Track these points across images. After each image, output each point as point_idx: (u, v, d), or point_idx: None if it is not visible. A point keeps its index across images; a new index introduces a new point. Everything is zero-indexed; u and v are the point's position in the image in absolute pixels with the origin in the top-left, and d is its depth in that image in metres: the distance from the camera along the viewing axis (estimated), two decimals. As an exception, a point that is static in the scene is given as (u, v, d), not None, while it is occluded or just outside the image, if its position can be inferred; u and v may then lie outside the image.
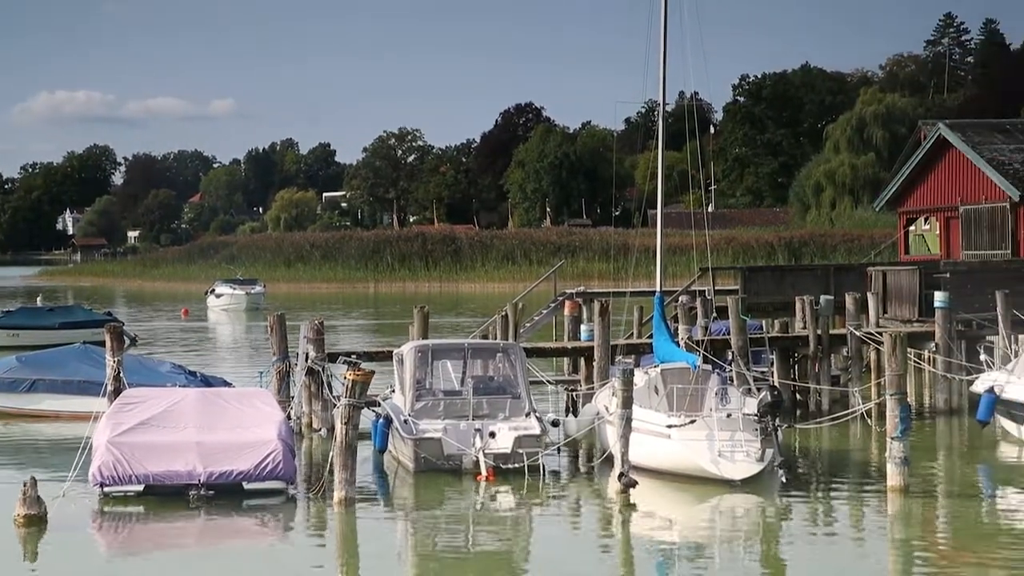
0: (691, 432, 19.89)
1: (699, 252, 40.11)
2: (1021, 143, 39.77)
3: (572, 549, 16.82)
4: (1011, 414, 23.52)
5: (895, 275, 32.16)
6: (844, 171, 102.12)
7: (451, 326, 53.05)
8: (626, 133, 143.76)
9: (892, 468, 18.79)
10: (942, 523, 17.90)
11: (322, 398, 24.77)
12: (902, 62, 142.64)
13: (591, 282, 69.78)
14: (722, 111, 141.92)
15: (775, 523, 18.00)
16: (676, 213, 74.46)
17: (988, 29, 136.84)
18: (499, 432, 20.75)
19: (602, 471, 20.89)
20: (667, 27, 24.62)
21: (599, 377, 25.12)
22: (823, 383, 27.21)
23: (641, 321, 33.39)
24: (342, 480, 18.29)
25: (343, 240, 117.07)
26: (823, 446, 23.92)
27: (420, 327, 27.68)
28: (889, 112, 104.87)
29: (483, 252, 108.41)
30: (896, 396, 18.73)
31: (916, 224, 44.49)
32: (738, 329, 25.93)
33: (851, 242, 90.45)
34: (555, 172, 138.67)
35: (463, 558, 16.29)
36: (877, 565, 15.82)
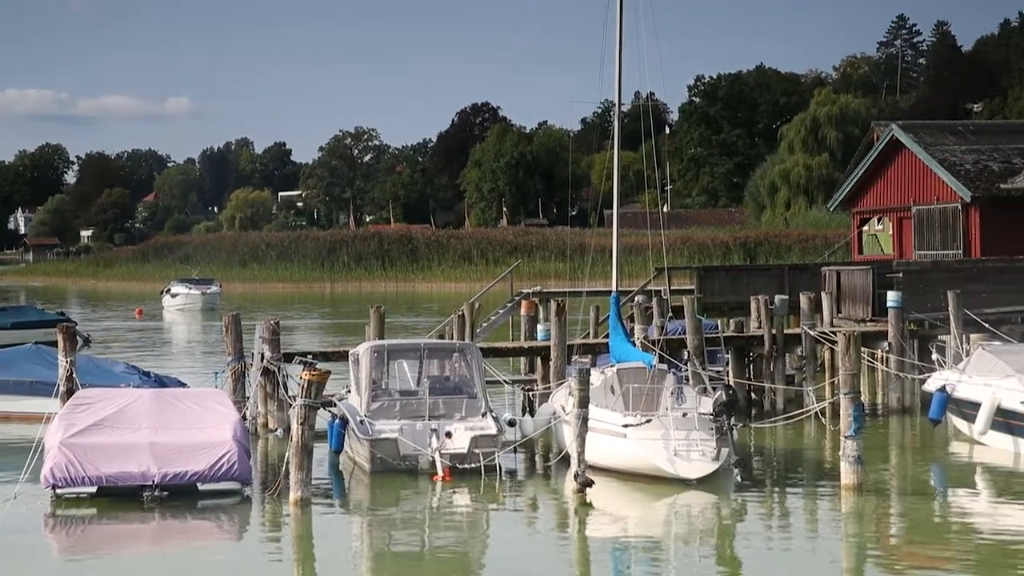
0: (647, 431, 19.95)
1: (655, 252, 40.23)
2: (972, 144, 40.18)
3: (528, 548, 16.84)
4: (962, 413, 23.76)
5: (849, 275, 32.40)
6: (799, 171, 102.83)
7: (407, 326, 52.94)
8: (582, 133, 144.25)
9: (846, 466, 18.93)
10: (895, 521, 18.06)
11: (278, 398, 24.65)
12: (855, 63, 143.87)
13: (547, 282, 69.86)
14: (677, 111, 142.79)
15: (730, 522, 18.09)
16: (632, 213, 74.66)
17: (940, 31, 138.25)
18: (455, 432, 20.74)
19: (558, 470, 20.92)
20: (623, 27, 24.71)
21: (555, 377, 25.16)
22: (778, 382, 27.38)
23: (597, 321, 33.46)
24: (298, 481, 18.21)
25: (299, 240, 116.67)
26: (778, 445, 24.07)
27: (376, 327, 27.61)
28: (843, 113, 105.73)
29: (439, 252, 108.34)
30: (850, 395, 18.88)
31: (869, 224, 44.85)
32: (694, 329, 26.05)
33: (805, 242, 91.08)
34: (511, 172, 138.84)
35: (419, 558, 16.27)
36: (831, 562, 15.93)
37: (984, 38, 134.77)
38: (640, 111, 29.42)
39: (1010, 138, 41.07)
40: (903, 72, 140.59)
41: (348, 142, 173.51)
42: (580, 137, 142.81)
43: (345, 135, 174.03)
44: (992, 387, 22.71)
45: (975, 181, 38.19)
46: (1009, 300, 29.98)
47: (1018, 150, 39.69)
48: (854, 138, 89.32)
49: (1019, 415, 21.86)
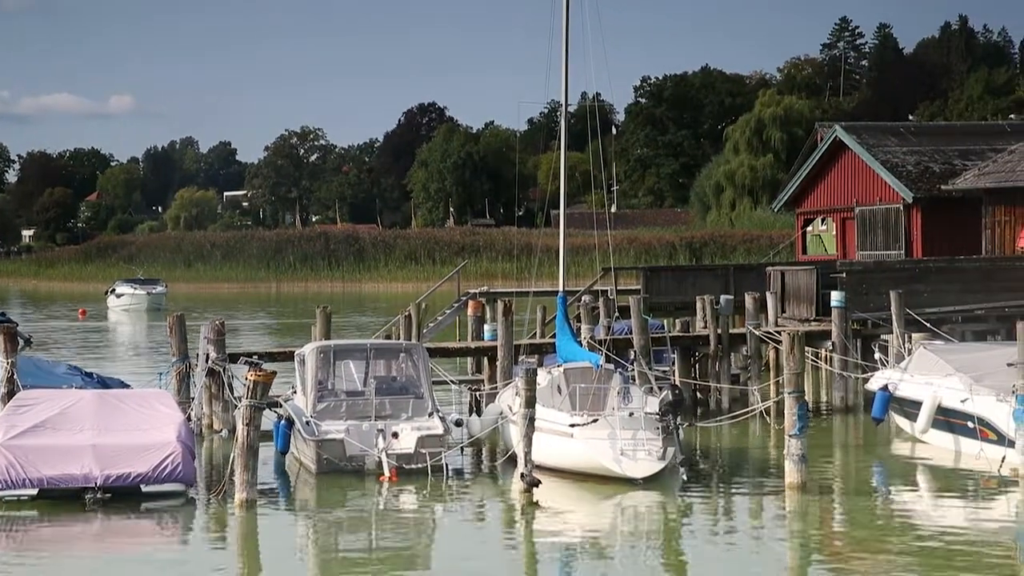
0: (593, 431, 20.00)
1: (601, 252, 40.37)
2: (914, 145, 40.66)
3: (475, 548, 16.83)
4: (904, 411, 24.01)
5: (793, 275, 32.67)
6: (743, 172, 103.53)
7: (354, 326, 52.77)
8: (529, 133, 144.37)
9: (790, 465, 19.08)
10: (838, 518, 18.22)
11: (223, 399, 24.50)
12: (799, 65, 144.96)
13: (494, 282, 69.90)
14: (624, 112, 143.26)
15: (676, 520, 18.18)
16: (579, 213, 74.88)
17: (882, 33, 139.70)
18: (402, 432, 20.69)
19: (505, 470, 20.93)
20: (569, 28, 24.76)
21: (502, 377, 25.18)
22: (723, 382, 27.55)
23: (544, 321, 33.52)
24: (243, 482, 18.09)
25: (244, 240, 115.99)
26: (723, 444, 24.22)
27: (322, 327, 27.50)
28: (787, 114, 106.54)
29: (386, 252, 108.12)
30: (794, 394, 19.02)
31: (813, 225, 45.25)
32: (640, 329, 26.16)
33: (750, 242, 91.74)
34: (458, 172, 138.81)
35: (366, 558, 16.21)
36: (776, 560, 16.05)
37: (925, 41, 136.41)
38: (587, 112, 29.47)
39: (951, 140, 41.64)
40: (846, 74, 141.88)
41: (294, 142, 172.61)
42: (527, 137, 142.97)
43: (291, 135, 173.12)
44: (933, 386, 22.97)
45: (917, 182, 38.65)
46: (950, 300, 30.38)
47: (959, 152, 40.23)
48: (798, 139, 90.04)
49: (960, 413, 22.13)
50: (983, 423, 21.39)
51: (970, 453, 21.69)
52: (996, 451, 20.81)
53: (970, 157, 39.41)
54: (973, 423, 21.64)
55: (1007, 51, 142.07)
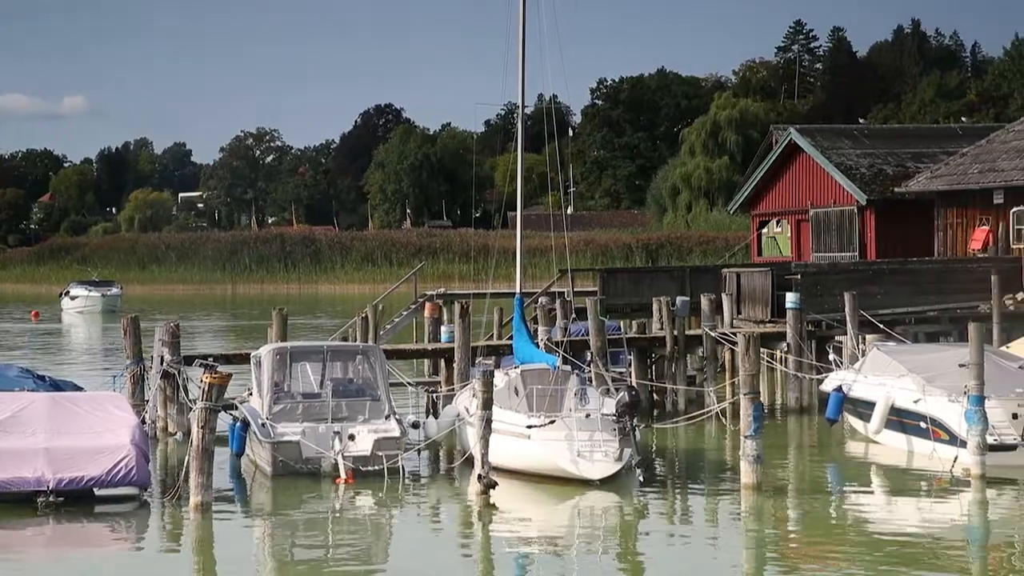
0: (550, 432, 20.03)
1: (558, 254, 40.44)
2: (868, 148, 41.01)
3: (432, 551, 16.81)
4: (858, 412, 24.20)
5: (748, 277, 32.87)
6: (699, 174, 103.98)
7: (310, 328, 52.57)
8: (486, 135, 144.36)
9: (745, 466, 19.18)
10: (793, 518, 18.34)
11: (178, 402, 24.37)
12: (754, 68, 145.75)
13: (451, 284, 69.91)
14: (580, 114, 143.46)
15: (633, 521, 18.24)
16: (536, 215, 74.94)
17: (836, 37, 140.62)
18: (358, 435, 20.63)
19: (462, 472, 20.92)
20: (526, 30, 24.79)
21: (459, 379, 25.16)
22: (679, 383, 27.65)
23: (501, 322, 33.55)
24: (198, 485, 17.97)
25: (200, 241, 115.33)
26: (679, 445, 24.32)
27: (278, 329, 27.38)
28: (742, 116, 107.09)
29: (343, 253, 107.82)
30: (749, 395, 19.12)
31: (768, 226, 45.55)
32: (597, 330, 26.22)
33: (706, 244, 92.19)
34: (415, 173, 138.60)
35: (322, 562, 16.15)
36: (731, 560, 16.13)
37: (878, 44, 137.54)
38: (543, 113, 29.52)
39: (904, 142, 42.05)
40: (801, 77, 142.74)
41: (250, 143, 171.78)
42: (484, 139, 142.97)
43: (247, 136, 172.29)
44: (886, 387, 23.16)
45: (870, 184, 38.99)
46: (903, 301, 30.68)
47: (911, 154, 40.63)
48: (754, 141, 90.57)
49: (912, 414, 22.32)
50: (935, 423, 21.59)
51: (923, 453, 21.88)
52: (948, 451, 21.00)
53: (922, 160, 39.81)
54: (926, 423, 21.84)
55: (959, 55, 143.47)
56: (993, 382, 20.65)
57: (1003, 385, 21.27)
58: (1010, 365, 22.49)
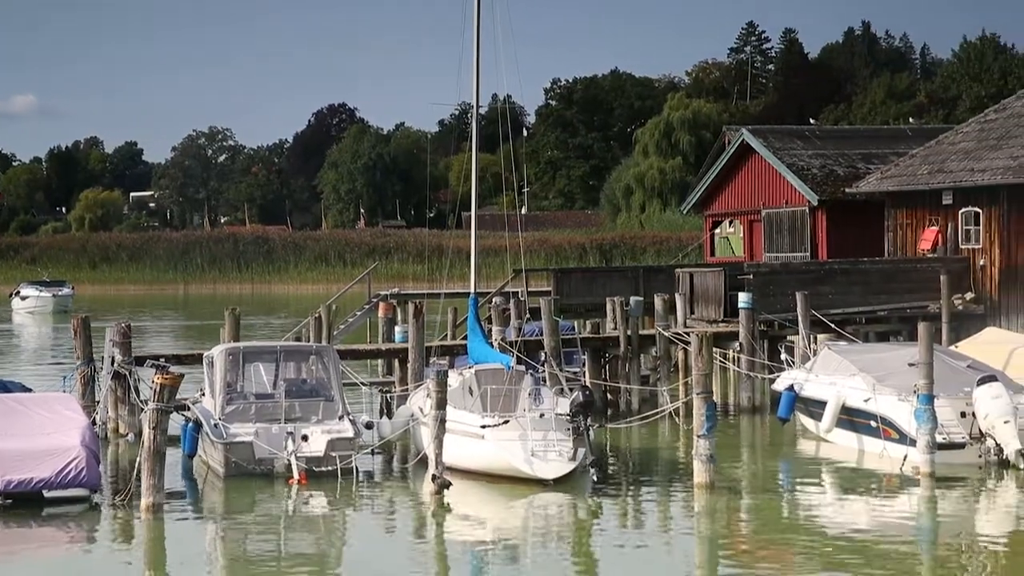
0: (504, 432, 20.06)
1: (512, 254, 40.49)
2: (819, 149, 41.30)
3: (386, 551, 16.79)
4: (809, 411, 24.38)
5: (701, 276, 33.02)
6: (653, 174, 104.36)
7: (264, 328, 52.32)
8: (440, 135, 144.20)
9: (698, 465, 19.28)
10: (746, 517, 18.46)
11: (129, 402, 24.19)
12: (707, 69, 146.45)
13: (405, 284, 69.76)
14: (534, 114, 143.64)
15: (587, 521, 18.29)
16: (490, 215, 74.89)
17: (788, 38, 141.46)
18: (312, 435, 20.56)
19: (416, 473, 20.90)
20: (480, 30, 24.81)
21: (413, 379, 25.13)
22: (633, 383, 27.75)
23: (455, 322, 33.53)
24: (149, 486, 17.85)
25: (151, 241, 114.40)
26: (633, 445, 24.41)
27: (231, 329, 27.22)
28: (695, 117, 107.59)
29: (296, 253, 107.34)
30: (702, 395, 19.22)
31: (721, 227, 45.78)
32: (551, 330, 26.27)
33: (660, 244, 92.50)
34: (369, 173, 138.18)
35: (275, 563, 16.08)
36: (684, 559, 16.22)
37: (829, 46, 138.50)
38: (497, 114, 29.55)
39: (854, 143, 42.38)
40: (753, 78, 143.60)
41: (202, 142, 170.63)
42: (438, 139, 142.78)
43: (199, 135, 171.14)
44: (837, 386, 23.35)
45: (822, 185, 39.26)
46: (853, 301, 30.94)
47: (862, 155, 40.95)
48: (706, 142, 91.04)
49: (863, 413, 22.53)
50: (886, 422, 21.80)
51: (873, 452, 22.09)
52: (898, 450, 21.21)
53: (873, 160, 40.13)
54: (876, 422, 22.05)
55: (909, 57, 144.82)
56: (942, 381, 20.87)
57: (952, 384, 21.51)
58: (959, 364, 22.73)
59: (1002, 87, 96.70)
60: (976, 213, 32.61)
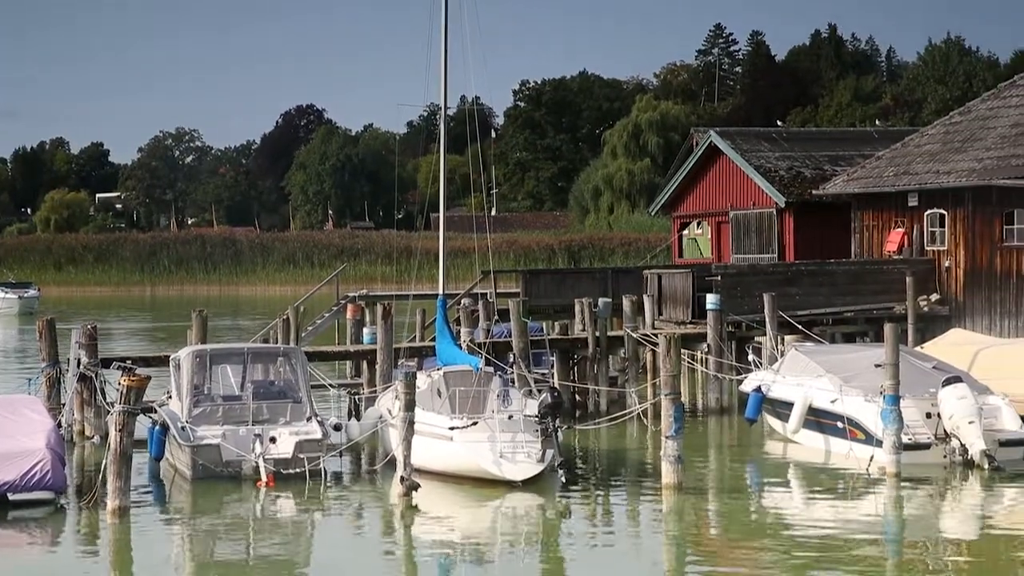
0: (473, 434, 20.06)
1: (481, 255, 40.48)
2: (786, 151, 41.49)
3: (354, 553, 16.76)
4: (777, 412, 24.48)
5: (669, 278, 33.12)
6: (621, 176, 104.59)
7: (231, 330, 52.10)
8: (408, 136, 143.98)
9: (667, 466, 19.33)
10: (713, 518, 18.53)
11: (95, 405, 24.04)
12: (675, 71, 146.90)
13: (374, 285, 69.66)
14: (503, 116, 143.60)
15: (555, 522, 18.30)
16: (458, 216, 74.92)
17: (755, 41, 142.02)
18: (279, 437, 20.50)
19: (385, 474, 20.87)
20: (448, 31, 24.80)
21: (382, 380, 25.09)
22: (601, 384, 27.79)
23: (424, 324, 33.50)
24: (116, 489, 17.73)
25: (118, 242, 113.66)
26: (601, 446, 24.45)
27: (198, 331, 27.09)
28: (663, 119, 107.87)
29: (264, 255, 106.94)
30: (670, 396, 19.27)
31: (689, 228, 45.92)
32: (519, 331, 26.29)
33: (628, 245, 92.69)
34: (337, 174, 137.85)
35: (243, 566, 16.03)
36: (652, 560, 16.27)
37: (796, 48, 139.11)
38: (466, 115, 29.54)
39: (821, 145, 42.60)
40: (720, 80, 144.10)
41: (169, 143, 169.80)
42: (406, 140, 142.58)
43: (166, 136, 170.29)
44: (804, 387, 23.46)
45: (788, 187, 39.45)
46: (820, 302, 31.12)
47: (828, 157, 41.17)
48: (674, 144, 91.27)
49: (830, 414, 22.64)
50: (852, 423, 21.92)
51: (840, 452, 22.21)
52: (865, 450, 21.33)
53: (839, 162, 40.35)
54: (843, 423, 22.16)
55: (875, 59, 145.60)
56: (908, 382, 21.01)
57: (918, 385, 21.66)
58: (924, 365, 22.89)
59: (967, 90, 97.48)
60: (941, 215, 32.84)
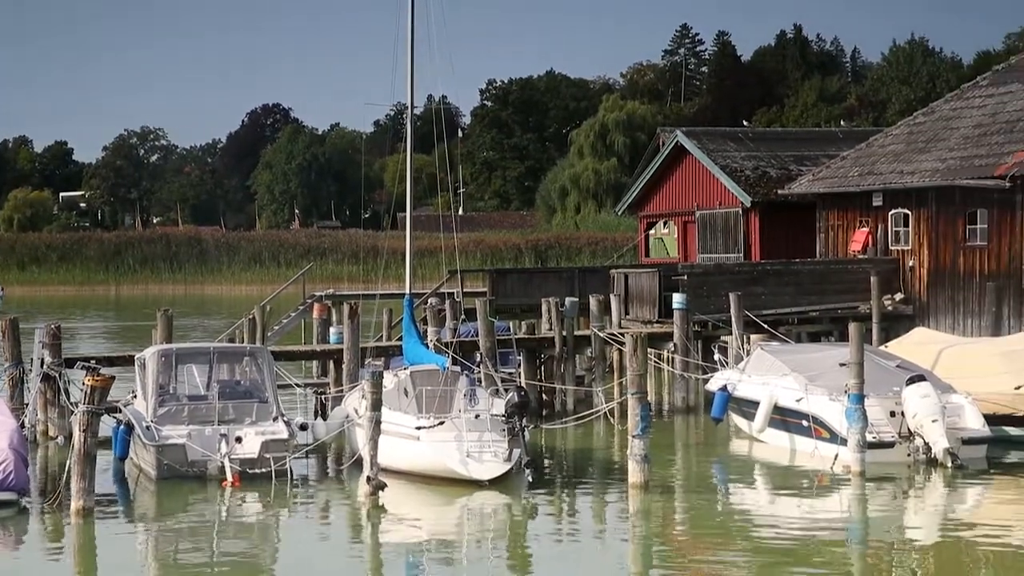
0: (440, 433, 20.04)
1: (448, 255, 40.45)
2: (752, 151, 41.66)
3: (320, 553, 16.71)
4: (742, 411, 24.59)
5: (636, 277, 33.19)
6: (588, 176, 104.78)
7: (197, 329, 51.86)
8: (375, 135, 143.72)
9: (633, 465, 19.38)
10: (680, 517, 18.59)
11: (59, 405, 23.89)
12: (642, 71, 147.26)
13: (340, 284, 69.35)
14: (470, 115, 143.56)
15: (522, 521, 18.32)
16: (425, 216, 74.75)
17: (721, 41, 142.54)
18: (245, 437, 20.42)
19: (351, 474, 20.83)
20: (415, 30, 24.78)
21: (348, 380, 25.04)
22: (568, 383, 27.83)
23: (391, 323, 33.44)
24: (80, 489, 17.62)
25: (82, 241, 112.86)
26: (568, 445, 24.48)
27: (164, 331, 26.95)
28: (630, 119, 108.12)
29: (230, 254, 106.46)
30: (637, 395, 19.32)
31: (656, 228, 46.04)
32: (486, 331, 26.29)
33: (595, 245, 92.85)
34: (304, 174, 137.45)
35: (208, 566, 15.95)
36: (619, 559, 16.30)
37: (762, 49, 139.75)
38: (432, 114, 29.54)
39: (787, 145, 42.79)
40: (687, 80, 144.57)
41: (134, 142, 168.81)
42: (373, 139, 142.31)
43: (131, 134, 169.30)
44: (770, 386, 23.57)
45: (754, 187, 39.61)
46: (786, 302, 31.26)
47: (794, 157, 41.36)
48: (641, 144, 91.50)
49: (795, 413, 22.75)
50: (817, 422, 22.04)
51: (805, 451, 22.33)
52: (829, 449, 21.45)
53: (805, 162, 40.55)
54: (808, 422, 22.28)
55: (839, 60, 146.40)
56: (872, 381, 21.14)
57: (882, 384, 21.79)
58: (888, 364, 23.04)
59: (930, 90, 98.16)
60: (905, 215, 33.06)
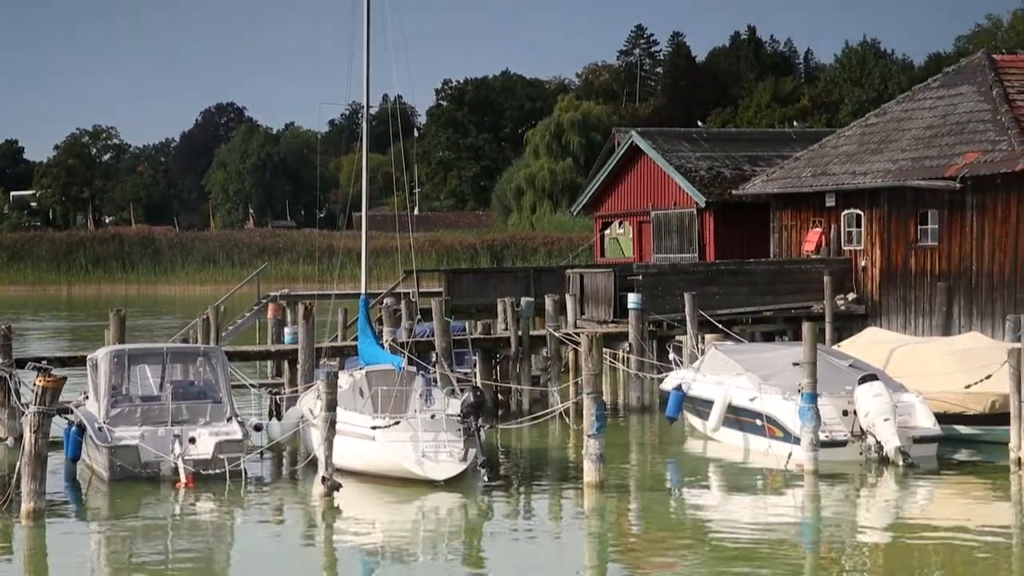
0: (395, 433, 20.02)
1: (403, 254, 40.41)
2: (706, 151, 41.85)
3: (275, 554, 16.64)
4: (697, 410, 24.72)
5: (591, 277, 33.28)
6: (544, 176, 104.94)
7: (150, 330, 51.49)
8: (330, 135, 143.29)
9: (588, 465, 19.42)
10: (635, 516, 18.66)
11: (9, 406, 23.66)
12: (597, 71, 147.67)
13: (295, 285, 69.27)
14: (425, 115, 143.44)
15: (478, 521, 18.33)
16: (381, 216, 74.67)
17: (676, 42, 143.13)
18: (199, 437, 20.31)
19: (306, 475, 20.75)
20: (371, 30, 24.73)
21: (303, 380, 24.96)
22: (524, 383, 27.86)
23: (346, 324, 33.36)
24: (31, 491, 17.45)
25: (33, 241, 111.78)
26: (524, 445, 24.51)
27: (116, 331, 26.74)
28: (585, 119, 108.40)
29: (183, 254, 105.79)
30: (592, 395, 19.36)
31: (611, 228, 46.17)
32: (442, 331, 26.28)
33: (551, 245, 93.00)
34: (258, 173, 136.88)
35: (162, 568, 15.85)
36: (574, 558, 16.34)
37: (716, 49, 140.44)
38: (388, 114, 29.48)
39: (741, 146, 43.02)
40: (642, 80, 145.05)
41: (86, 140, 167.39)
42: (328, 139, 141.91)
43: (83, 133, 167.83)
44: (724, 385, 23.70)
45: (709, 187, 39.79)
46: (740, 301, 31.44)
47: (748, 157, 41.59)
48: (596, 144, 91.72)
49: (749, 412, 22.89)
50: (771, 421, 22.19)
51: (759, 450, 22.47)
52: (783, 448, 21.60)
53: (758, 163, 40.78)
54: (761, 421, 22.43)
55: (793, 61, 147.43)
56: (825, 380, 21.30)
57: (835, 383, 21.96)
58: (841, 363, 23.21)
59: (882, 92, 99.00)
60: (858, 215, 33.34)
